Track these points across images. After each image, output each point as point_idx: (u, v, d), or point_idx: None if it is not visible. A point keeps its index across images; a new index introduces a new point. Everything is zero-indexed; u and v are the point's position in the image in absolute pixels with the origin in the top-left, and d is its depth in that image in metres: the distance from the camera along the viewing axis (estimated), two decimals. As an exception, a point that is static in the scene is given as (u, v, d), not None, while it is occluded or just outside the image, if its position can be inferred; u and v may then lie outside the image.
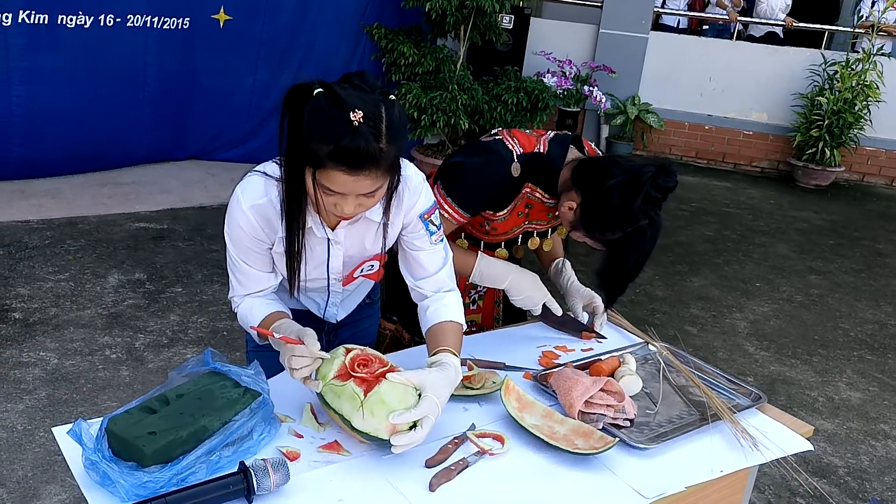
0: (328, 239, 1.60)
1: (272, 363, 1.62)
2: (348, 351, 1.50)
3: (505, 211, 1.89)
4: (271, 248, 1.60)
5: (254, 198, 1.52)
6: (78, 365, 3.26)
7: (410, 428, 1.42)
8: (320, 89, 1.35)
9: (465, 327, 1.70)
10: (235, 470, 1.29)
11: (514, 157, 1.81)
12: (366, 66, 6.44)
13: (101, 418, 1.36)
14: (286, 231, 1.52)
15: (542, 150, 1.83)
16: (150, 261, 4.38)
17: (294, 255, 1.54)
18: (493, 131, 1.90)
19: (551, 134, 1.87)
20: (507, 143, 1.83)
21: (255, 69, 6.11)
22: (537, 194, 1.88)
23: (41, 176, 5.44)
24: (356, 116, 1.31)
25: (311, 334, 1.48)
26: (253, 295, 1.64)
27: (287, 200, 1.48)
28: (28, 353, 3.32)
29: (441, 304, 1.69)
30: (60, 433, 1.41)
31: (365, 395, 1.41)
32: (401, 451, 1.42)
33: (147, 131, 5.90)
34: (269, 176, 1.52)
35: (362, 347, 1.52)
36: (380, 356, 1.52)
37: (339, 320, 1.86)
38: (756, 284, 5.09)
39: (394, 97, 1.40)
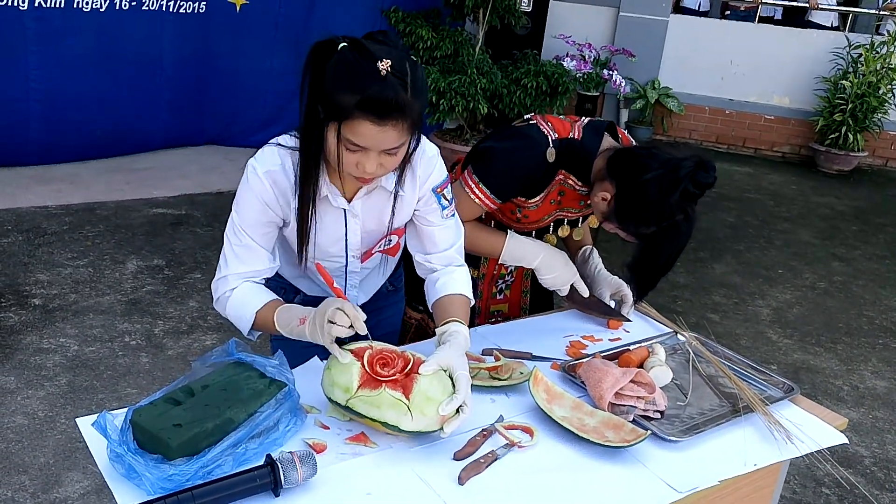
0: (344, 211, 1.57)
1: (295, 353, 1.60)
2: (357, 353, 1.43)
3: (538, 198, 1.84)
4: (280, 227, 1.57)
5: (269, 164, 1.50)
6: (98, 351, 3.26)
7: (457, 410, 1.40)
8: (345, 43, 1.35)
9: (472, 302, 1.69)
10: (262, 463, 1.27)
11: (550, 142, 1.77)
12: (383, 50, 6.39)
13: (126, 409, 1.33)
14: (299, 194, 1.49)
15: (576, 137, 1.78)
16: (168, 247, 4.38)
17: (305, 219, 1.51)
18: (526, 116, 1.85)
19: (585, 120, 1.83)
20: (541, 127, 1.78)
21: (271, 54, 6.08)
22: (570, 181, 1.83)
23: (59, 161, 5.45)
24: (384, 65, 1.31)
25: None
26: (248, 278, 1.56)
27: (303, 162, 1.45)
28: (48, 339, 3.32)
29: (451, 277, 1.68)
30: (85, 424, 1.39)
31: (408, 398, 1.37)
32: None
33: (164, 116, 5.89)
34: (283, 146, 1.50)
35: (369, 343, 1.47)
36: (391, 347, 1.48)
37: (359, 305, 1.83)
38: (778, 271, 5.03)
39: (413, 57, 1.39)
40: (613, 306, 2.04)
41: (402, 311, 2.02)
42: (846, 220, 6.25)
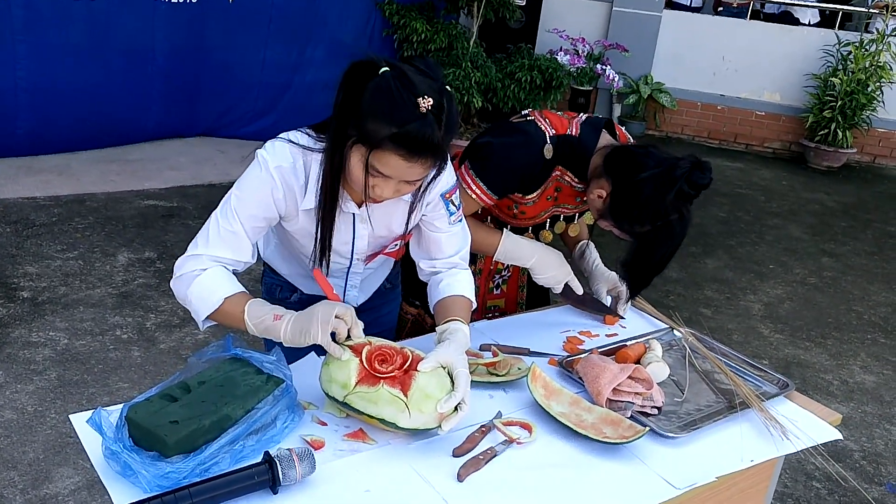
0: (354, 216, 1.56)
1: (291, 349, 1.58)
2: (355, 349, 1.42)
3: (535, 194, 1.84)
4: (275, 222, 1.55)
5: (280, 161, 1.47)
6: (88, 345, 3.24)
7: (455, 408, 1.39)
8: (387, 68, 1.32)
9: (474, 305, 1.68)
10: (260, 460, 1.26)
11: (547, 138, 1.76)
12: (377, 42, 6.36)
13: (121, 406, 1.32)
14: (321, 204, 1.46)
15: (574, 133, 1.78)
16: (159, 239, 4.34)
17: (328, 225, 1.49)
18: (523, 112, 1.84)
19: (583, 116, 1.82)
20: (539, 123, 1.78)
21: (265, 45, 6.03)
22: (567, 178, 1.83)
23: (48, 152, 5.38)
24: (425, 103, 1.28)
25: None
26: (222, 264, 1.50)
27: (327, 175, 1.43)
28: (37, 332, 3.29)
29: (454, 280, 1.67)
30: (79, 420, 1.37)
31: (406, 395, 1.36)
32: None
33: (156, 107, 5.84)
34: (295, 143, 1.47)
35: (368, 339, 1.46)
36: (390, 343, 1.47)
37: (358, 304, 1.82)
38: (769, 266, 5.05)
39: (451, 89, 1.37)
40: (609, 302, 2.04)
41: (398, 307, 2.02)
42: (835, 216, 6.28)
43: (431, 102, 1.29)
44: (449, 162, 1.59)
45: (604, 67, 7.26)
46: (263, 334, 1.46)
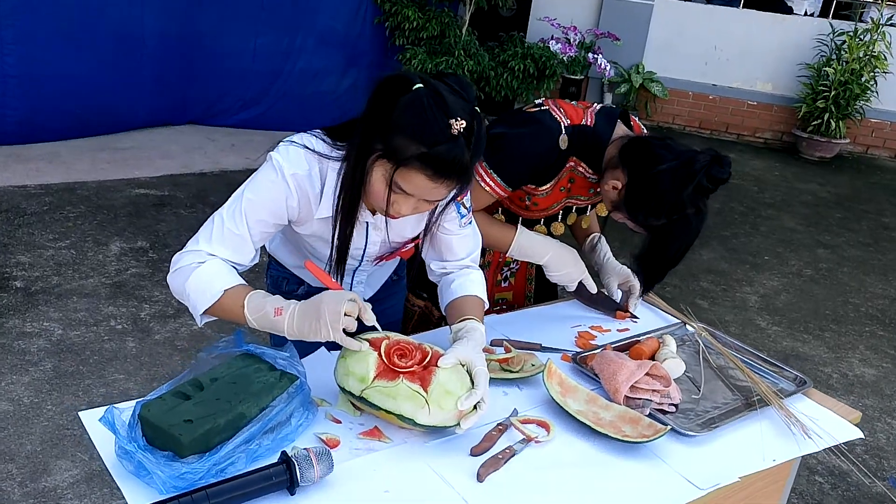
0: (367, 224, 1.53)
1: (301, 345, 1.54)
2: (373, 344, 1.39)
3: (548, 185, 1.80)
4: (283, 227, 1.51)
5: (296, 168, 1.42)
6: (83, 336, 3.18)
7: (474, 407, 1.36)
8: (421, 85, 1.28)
9: (487, 305, 1.65)
10: (276, 459, 1.22)
11: (563, 128, 1.72)
12: (368, 29, 6.28)
13: (133, 403, 1.28)
14: (339, 211, 1.42)
15: (588, 123, 1.74)
16: (152, 228, 4.28)
17: (345, 237, 1.46)
18: (537, 101, 1.80)
19: (597, 106, 1.78)
20: (553, 113, 1.74)
21: (256, 33, 5.95)
22: (581, 168, 1.79)
23: (37, 140, 5.29)
24: (458, 125, 1.26)
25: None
26: (221, 259, 1.44)
27: (347, 190, 1.39)
28: (31, 323, 3.23)
29: (467, 280, 1.64)
30: (89, 418, 1.33)
31: (426, 391, 1.33)
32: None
33: (146, 95, 5.75)
34: (311, 150, 1.43)
35: (385, 333, 1.42)
36: (408, 339, 1.44)
37: (366, 299, 1.79)
38: (765, 258, 5.04)
39: (478, 109, 1.34)
40: (620, 297, 2.01)
41: (403, 298, 1.99)
42: (829, 206, 6.29)
43: (464, 125, 1.26)
44: None
45: (595, 56, 7.21)
46: (265, 328, 1.40)
